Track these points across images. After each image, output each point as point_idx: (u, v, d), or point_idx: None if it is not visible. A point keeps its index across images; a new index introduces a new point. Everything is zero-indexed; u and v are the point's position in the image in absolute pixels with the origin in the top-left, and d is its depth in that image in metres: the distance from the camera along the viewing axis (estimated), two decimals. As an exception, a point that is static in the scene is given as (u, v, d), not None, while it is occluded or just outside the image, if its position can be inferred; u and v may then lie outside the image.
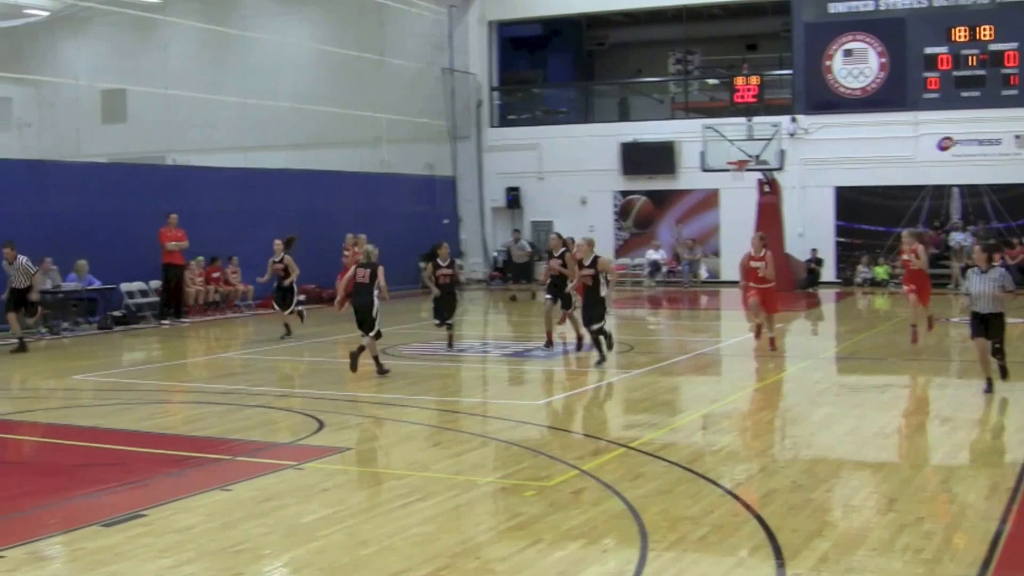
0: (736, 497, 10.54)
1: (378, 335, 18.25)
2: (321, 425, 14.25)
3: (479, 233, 43.03)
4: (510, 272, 38.77)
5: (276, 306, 24.81)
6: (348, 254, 27.48)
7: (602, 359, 19.32)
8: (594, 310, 19.27)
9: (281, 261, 24.38)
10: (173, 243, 27.87)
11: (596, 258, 19.31)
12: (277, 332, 24.48)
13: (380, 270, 18.31)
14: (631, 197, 41.57)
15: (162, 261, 28.18)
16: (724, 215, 40.06)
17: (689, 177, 40.05)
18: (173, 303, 28.46)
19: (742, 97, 39.45)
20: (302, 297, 26.15)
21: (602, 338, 19.43)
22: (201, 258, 30.12)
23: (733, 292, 36.60)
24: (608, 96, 46.41)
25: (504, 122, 44.68)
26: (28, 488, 11.59)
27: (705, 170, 37.72)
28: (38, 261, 25.66)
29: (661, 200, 41.14)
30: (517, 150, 42.47)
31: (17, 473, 12.56)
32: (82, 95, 32.80)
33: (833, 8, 38.47)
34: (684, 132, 39.85)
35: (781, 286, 34.56)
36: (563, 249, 21.45)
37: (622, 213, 41.69)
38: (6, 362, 21.06)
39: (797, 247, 37.59)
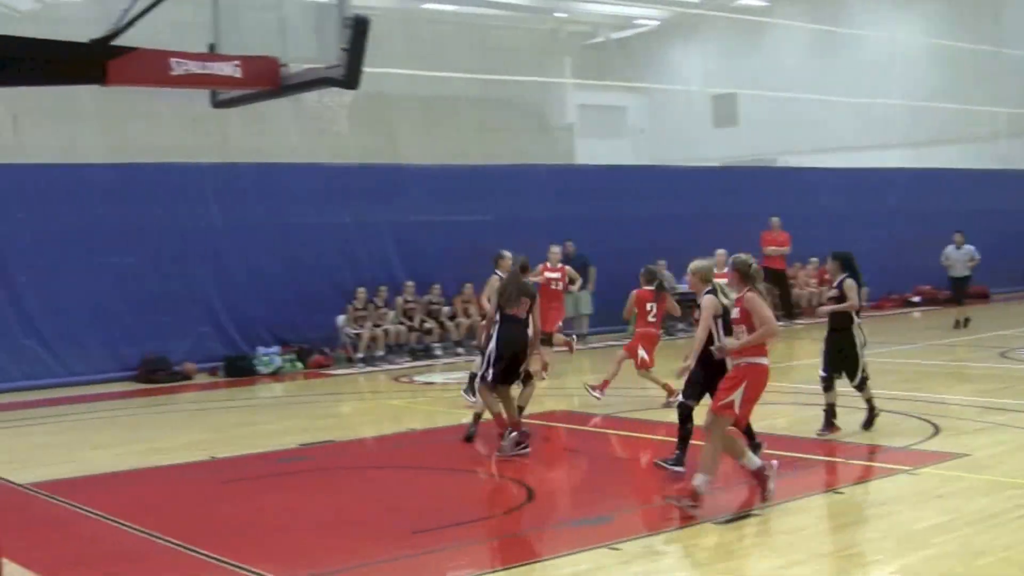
0: None
1: (528, 377, 14.15)
2: (936, 429, 13.78)
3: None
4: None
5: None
6: (555, 275, 19.75)
7: (828, 426, 13.84)
8: (848, 359, 13.92)
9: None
10: (772, 248, 27.94)
11: (845, 279, 13.73)
12: (888, 335, 23.95)
13: (536, 305, 13.78)
14: None
15: (762, 264, 28.33)
16: None
17: None
18: (783, 305, 28.58)
19: None
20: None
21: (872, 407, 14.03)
22: (815, 259, 30.07)
23: None
24: None
25: None
26: (651, 485, 11.89)
27: None
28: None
29: None
30: None
31: (636, 469, 12.93)
32: (693, 100, 33.58)
33: None
34: None
35: None
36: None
37: None
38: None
39: None
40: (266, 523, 10.63)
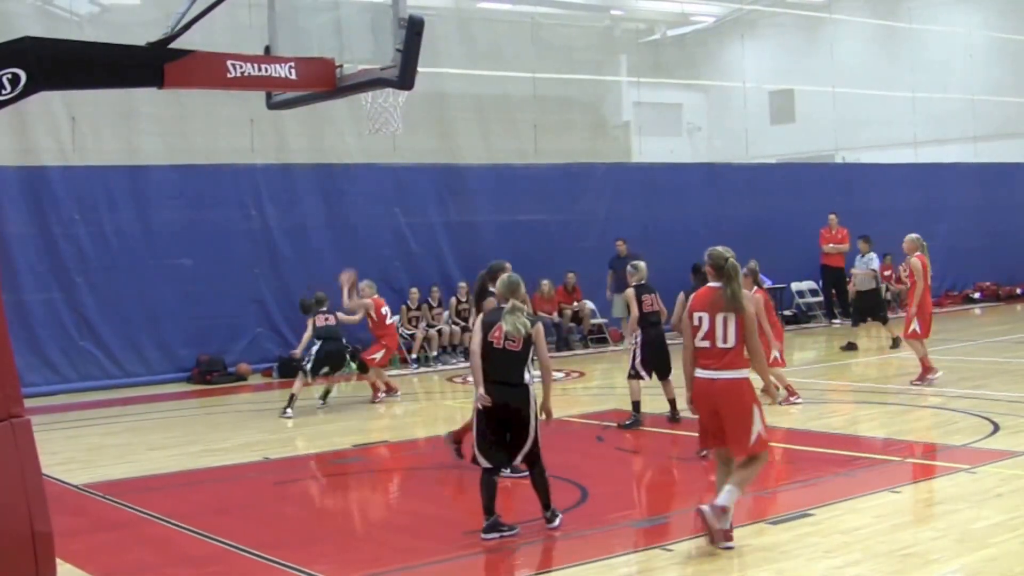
0: None
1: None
2: (996, 428, 13.59)
3: None
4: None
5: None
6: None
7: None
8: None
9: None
10: (830, 246, 27.76)
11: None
12: (948, 332, 23.70)
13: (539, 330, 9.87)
14: None
15: (820, 262, 28.23)
16: None
17: None
18: (840, 303, 28.42)
19: None
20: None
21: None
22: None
23: None
24: None
25: None
26: (704, 485, 11.83)
27: None
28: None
29: None
30: None
31: (692, 470, 12.87)
32: (750, 97, 33.39)
33: None
34: None
35: None
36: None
37: None
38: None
39: None
40: (320, 524, 10.64)
